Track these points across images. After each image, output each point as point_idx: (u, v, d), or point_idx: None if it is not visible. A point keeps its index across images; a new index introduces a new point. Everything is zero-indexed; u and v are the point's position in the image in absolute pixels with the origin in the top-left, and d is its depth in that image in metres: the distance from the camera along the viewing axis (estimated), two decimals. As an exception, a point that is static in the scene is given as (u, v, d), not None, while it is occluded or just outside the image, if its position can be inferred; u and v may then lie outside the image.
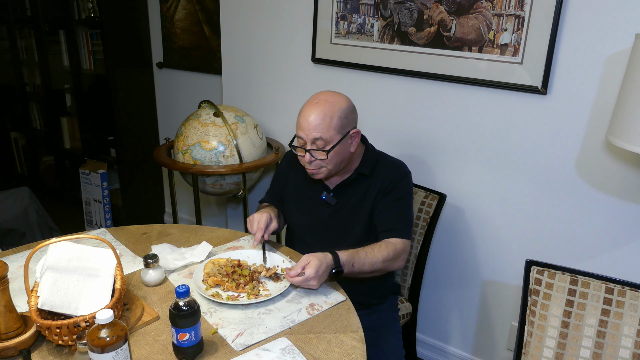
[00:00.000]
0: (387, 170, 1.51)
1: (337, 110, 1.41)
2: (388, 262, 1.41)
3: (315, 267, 1.26)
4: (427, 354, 2.19)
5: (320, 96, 1.45)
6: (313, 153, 1.42)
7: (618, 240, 1.61)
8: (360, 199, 1.52)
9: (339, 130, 1.41)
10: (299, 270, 1.27)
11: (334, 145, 1.41)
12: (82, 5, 3.08)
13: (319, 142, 1.41)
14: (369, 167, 1.52)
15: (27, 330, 1.08)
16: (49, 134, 3.68)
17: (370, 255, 1.38)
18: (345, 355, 1.09)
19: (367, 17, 1.97)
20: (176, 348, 1.06)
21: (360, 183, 1.52)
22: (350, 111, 1.46)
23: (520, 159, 1.74)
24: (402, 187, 1.50)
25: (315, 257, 1.28)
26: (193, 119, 2.26)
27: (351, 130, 1.46)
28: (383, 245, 1.42)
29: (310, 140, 1.41)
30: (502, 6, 1.63)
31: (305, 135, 1.42)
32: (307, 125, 1.41)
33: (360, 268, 1.36)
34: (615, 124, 1.27)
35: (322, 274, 1.28)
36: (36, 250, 1.03)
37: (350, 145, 1.47)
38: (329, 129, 1.40)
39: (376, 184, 1.50)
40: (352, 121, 1.47)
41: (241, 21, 2.42)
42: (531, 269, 1.25)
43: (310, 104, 1.43)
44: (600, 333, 1.16)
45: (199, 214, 2.38)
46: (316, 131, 1.40)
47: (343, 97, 1.47)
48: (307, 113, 1.42)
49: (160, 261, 1.37)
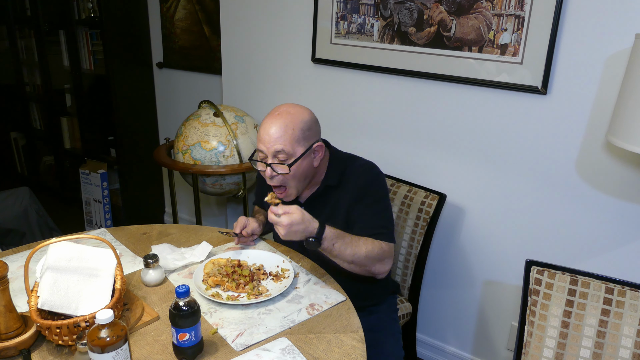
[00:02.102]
0: (355, 177, 1.45)
1: (299, 122, 1.36)
2: (371, 260, 1.35)
3: (292, 220, 1.20)
4: (427, 354, 2.19)
5: (281, 108, 1.40)
6: (275, 167, 1.37)
7: (618, 240, 1.61)
8: (332, 211, 1.47)
9: (301, 143, 1.36)
10: (280, 212, 1.22)
11: (297, 159, 1.36)
12: (82, 5, 3.08)
13: (281, 155, 1.35)
14: (336, 177, 1.46)
15: (27, 330, 1.08)
16: (49, 134, 3.68)
17: (355, 243, 1.32)
18: (345, 356, 1.09)
19: (367, 17, 1.97)
20: (176, 348, 1.06)
21: (329, 194, 1.48)
22: (313, 123, 1.41)
23: (520, 159, 1.74)
24: (375, 191, 1.45)
25: (300, 213, 1.22)
26: (193, 119, 2.26)
27: (314, 143, 1.40)
28: (369, 240, 1.36)
29: (271, 154, 1.36)
30: (502, 6, 1.63)
31: (266, 149, 1.36)
32: (268, 137, 1.35)
33: (341, 252, 1.29)
34: (615, 124, 1.27)
35: (295, 231, 1.22)
36: (36, 250, 1.03)
37: (314, 159, 1.42)
38: (292, 141, 1.34)
39: (346, 192, 1.45)
40: (316, 134, 1.42)
41: (241, 21, 2.42)
42: (531, 269, 1.25)
43: (271, 116, 1.38)
44: (600, 333, 1.16)
45: (199, 214, 2.39)
46: (277, 143, 1.34)
47: (305, 109, 1.42)
48: (268, 125, 1.36)
49: (160, 261, 1.37)
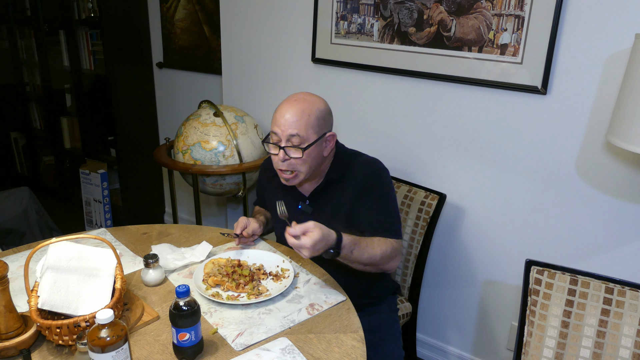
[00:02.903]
0: (358, 171, 1.47)
1: (316, 110, 1.39)
2: (385, 259, 1.37)
3: (314, 239, 1.19)
4: (427, 354, 2.19)
5: (298, 95, 1.42)
6: (288, 150, 1.38)
7: (618, 240, 1.61)
8: (336, 204, 1.48)
9: (315, 130, 1.38)
10: (299, 233, 1.20)
11: (310, 144, 1.37)
12: (82, 5, 3.08)
13: (295, 139, 1.36)
14: (339, 172, 1.48)
15: (27, 330, 1.08)
16: (49, 134, 3.68)
17: (371, 246, 1.34)
18: (345, 355, 1.09)
19: (367, 17, 1.97)
20: (176, 348, 1.06)
21: (332, 188, 1.49)
22: (328, 113, 1.44)
23: (520, 159, 1.74)
24: (380, 185, 1.46)
25: (320, 230, 1.20)
26: (193, 119, 2.26)
27: (327, 133, 1.43)
28: (382, 240, 1.38)
29: (285, 137, 1.37)
30: (502, 6, 1.63)
31: (280, 132, 1.37)
32: (284, 121, 1.36)
33: (358, 257, 1.31)
34: (615, 124, 1.27)
35: (318, 249, 1.21)
36: (36, 250, 1.03)
37: (324, 149, 1.44)
38: (307, 126, 1.36)
39: (350, 187, 1.46)
40: (329, 124, 1.44)
41: (241, 21, 2.42)
42: (531, 268, 1.25)
43: (288, 102, 1.40)
44: (600, 333, 1.16)
45: (199, 214, 2.39)
46: (293, 127, 1.36)
47: (321, 99, 1.45)
48: (285, 109, 1.38)
49: (160, 261, 1.37)
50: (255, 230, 1.55)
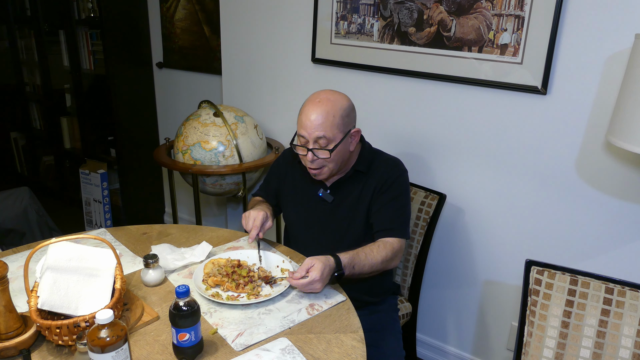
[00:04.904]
0: (383, 169, 1.51)
1: (339, 109, 1.41)
2: (386, 262, 1.42)
3: (319, 269, 1.25)
4: (427, 354, 2.19)
5: (321, 95, 1.44)
6: (316, 152, 1.41)
7: (618, 240, 1.61)
8: (357, 195, 1.51)
9: (341, 129, 1.41)
10: (304, 273, 1.26)
11: (337, 144, 1.41)
12: (82, 5, 3.08)
13: (322, 140, 1.40)
14: (366, 164, 1.52)
15: (27, 330, 1.08)
16: (49, 134, 3.68)
17: (370, 256, 1.38)
18: (345, 355, 1.09)
19: (367, 17, 1.97)
20: (176, 348, 1.06)
21: (357, 180, 1.52)
22: (351, 110, 1.46)
23: (520, 159, 1.74)
24: (398, 186, 1.50)
25: (319, 260, 1.27)
26: (193, 119, 2.26)
27: (352, 129, 1.46)
28: (381, 246, 1.42)
29: (312, 139, 1.40)
30: (502, 6, 1.63)
31: (307, 134, 1.41)
32: (310, 124, 1.39)
33: (361, 270, 1.37)
34: (615, 124, 1.27)
35: (326, 277, 1.27)
36: (36, 250, 1.03)
37: (350, 144, 1.47)
38: (332, 127, 1.39)
39: (372, 181, 1.50)
40: (353, 120, 1.48)
41: (241, 21, 2.42)
42: (531, 269, 1.25)
43: (312, 103, 1.42)
44: (600, 333, 1.16)
45: (199, 214, 2.38)
46: (319, 130, 1.39)
47: (344, 96, 1.47)
48: (309, 112, 1.41)
49: (160, 261, 1.37)
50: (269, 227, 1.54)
